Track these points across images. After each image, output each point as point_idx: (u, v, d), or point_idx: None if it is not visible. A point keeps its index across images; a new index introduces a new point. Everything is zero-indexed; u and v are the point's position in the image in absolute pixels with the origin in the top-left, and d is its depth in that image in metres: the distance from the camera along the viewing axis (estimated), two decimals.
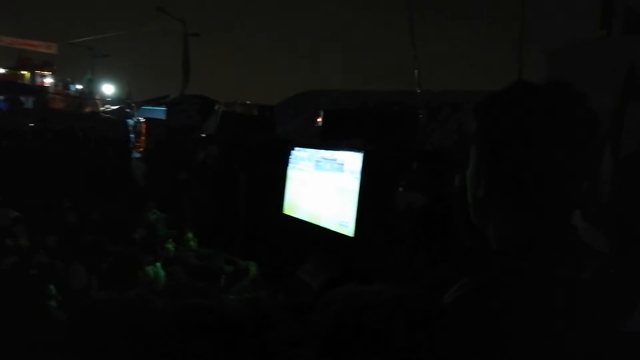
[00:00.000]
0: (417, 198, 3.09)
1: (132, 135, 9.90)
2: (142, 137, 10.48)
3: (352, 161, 3.45)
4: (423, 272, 2.24)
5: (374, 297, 0.69)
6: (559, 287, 0.75)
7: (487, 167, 0.83)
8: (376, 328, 0.65)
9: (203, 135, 8.35)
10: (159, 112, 13.15)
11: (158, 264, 3.65)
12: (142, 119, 12.30)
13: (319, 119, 5.13)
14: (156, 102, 14.47)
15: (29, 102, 12.19)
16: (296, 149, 4.13)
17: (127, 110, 15.58)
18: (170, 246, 4.15)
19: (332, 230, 3.51)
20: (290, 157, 4.13)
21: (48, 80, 22.09)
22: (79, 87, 22.40)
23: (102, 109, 17.36)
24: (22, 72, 21.09)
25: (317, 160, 3.85)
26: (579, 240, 0.82)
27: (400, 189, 3.63)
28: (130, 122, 12.95)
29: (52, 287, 2.73)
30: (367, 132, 4.31)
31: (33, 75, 21.38)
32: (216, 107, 9.59)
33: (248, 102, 10.21)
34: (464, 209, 0.89)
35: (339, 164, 3.60)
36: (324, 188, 3.73)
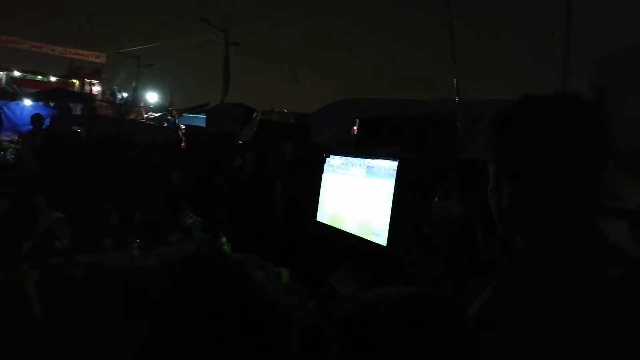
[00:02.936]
0: (454, 208, 3.02)
1: (172, 142, 10.18)
2: (183, 144, 10.76)
3: (387, 169, 3.41)
4: (458, 283, 2.19)
5: (393, 292, 0.69)
6: (586, 288, 0.76)
7: (507, 181, 0.85)
8: (386, 320, 0.65)
9: (241, 142, 8.49)
10: (199, 119, 13.47)
11: None
12: (182, 126, 12.65)
13: (355, 127, 5.11)
14: (197, 109, 14.85)
15: (77, 108, 12.74)
16: (331, 156, 4.13)
17: (169, 117, 16.05)
18: None
19: (365, 239, 3.47)
20: (325, 164, 4.13)
21: (96, 89, 23.03)
22: (125, 95, 23.25)
23: (145, 116, 17.95)
24: (73, 80, 22.08)
25: (351, 168, 3.83)
26: (607, 242, 0.83)
27: (437, 199, 3.56)
28: (171, 129, 13.33)
29: None
30: (404, 141, 4.26)
31: (82, 83, 22.35)
32: (254, 115, 9.74)
33: (285, 110, 10.33)
34: (486, 220, 0.91)
35: (373, 172, 3.57)
36: (357, 196, 3.70)
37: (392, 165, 3.37)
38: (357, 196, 3.70)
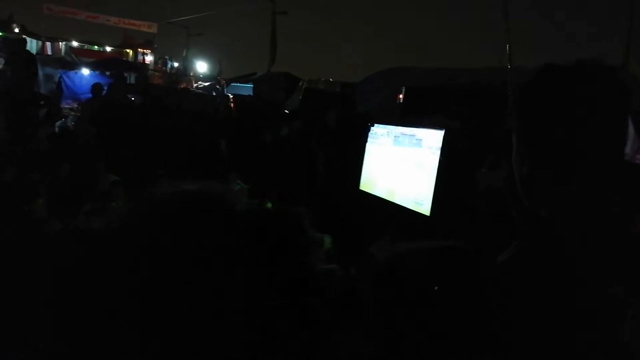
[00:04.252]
0: (499, 179, 2.97)
1: (219, 110, 10.39)
2: (230, 113, 10.94)
3: (433, 139, 3.37)
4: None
5: (422, 245, 0.73)
6: (599, 251, 0.79)
7: (527, 148, 0.88)
8: (416, 271, 0.68)
9: (287, 111, 8.55)
10: (246, 89, 13.62)
11: None
12: (230, 95, 12.84)
13: (401, 96, 5.04)
14: (244, 79, 15.00)
15: (131, 77, 13.18)
16: (376, 125, 4.11)
17: (217, 86, 16.31)
18: None
19: (408, 208, 3.48)
20: (369, 133, 4.12)
21: (148, 58, 23.60)
22: (176, 64, 23.73)
23: (195, 85, 18.32)
24: (126, 50, 22.71)
25: (396, 137, 3.81)
26: (620, 203, 0.86)
27: (483, 170, 3.49)
28: (219, 98, 13.57)
29: None
30: (451, 110, 4.17)
31: (136, 53, 22.95)
32: (300, 84, 9.74)
33: (331, 79, 10.25)
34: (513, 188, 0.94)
35: (418, 141, 3.53)
36: (401, 165, 3.69)
37: (437, 135, 3.32)
38: (401, 165, 3.68)
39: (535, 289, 0.78)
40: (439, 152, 3.27)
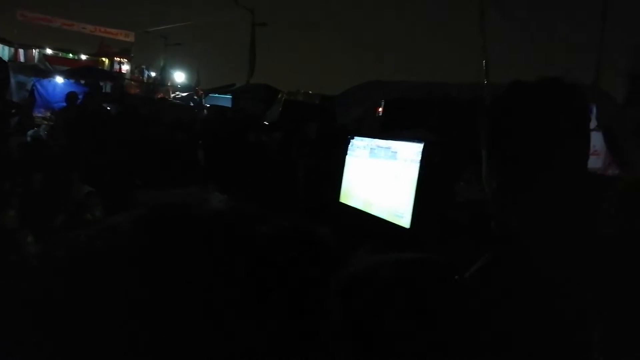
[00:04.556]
0: (478, 192, 3.01)
1: (197, 121, 10.31)
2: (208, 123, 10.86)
3: (412, 152, 3.40)
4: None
5: (393, 257, 0.74)
6: (569, 261, 0.84)
7: (495, 162, 0.95)
8: (387, 282, 0.69)
9: (266, 122, 8.54)
10: (225, 100, 13.58)
11: None
12: (208, 106, 12.77)
13: (380, 109, 5.09)
14: (222, 90, 14.95)
15: (107, 87, 12.99)
16: (355, 138, 4.13)
17: (195, 97, 16.20)
18: None
19: (387, 221, 3.49)
20: (348, 146, 4.13)
21: (125, 67, 23.35)
22: (153, 74, 23.54)
23: (172, 95, 18.16)
24: (102, 58, 22.43)
25: (375, 150, 3.83)
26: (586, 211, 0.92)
27: (462, 183, 3.54)
28: (197, 108, 13.46)
29: None
30: (430, 124, 4.22)
31: (112, 62, 22.68)
32: (279, 96, 9.76)
33: (310, 92, 10.31)
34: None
35: (397, 154, 3.56)
36: (381, 178, 3.70)
37: (417, 148, 3.35)
38: (381, 178, 3.70)
39: (502, 299, 0.81)
40: (418, 165, 3.30)
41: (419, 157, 3.31)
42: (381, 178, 3.71)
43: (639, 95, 6.16)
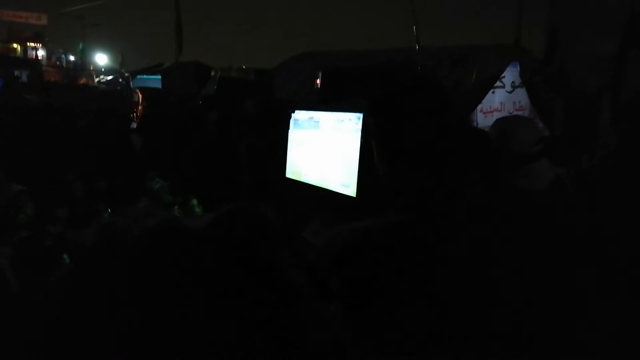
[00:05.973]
0: None
1: (129, 106, 9.84)
2: (139, 107, 10.40)
3: (353, 122, 3.44)
4: None
5: (375, 223, 0.80)
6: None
7: (381, 148, 1.22)
8: (375, 247, 0.75)
9: (201, 102, 8.28)
10: (154, 81, 12.96)
11: None
12: (137, 89, 12.17)
13: (318, 80, 5.08)
14: (150, 70, 14.25)
15: (23, 75, 12.04)
16: (296, 111, 4.12)
17: (121, 80, 15.39)
18: (176, 213, 4.22)
19: (335, 192, 3.55)
20: (290, 120, 4.12)
21: (40, 53, 21.75)
22: (72, 58, 22.08)
23: (96, 80, 17.17)
24: (13, 45, 20.73)
25: (317, 122, 3.85)
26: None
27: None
28: (126, 93, 12.83)
29: (65, 256, 2.80)
30: (368, 92, 4.28)
31: (25, 48, 21.03)
32: (212, 74, 9.47)
33: (244, 66, 10.08)
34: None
35: (339, 125, 3.60)
36: (325, 150, 3.74)
37: (357, 117, 3.40)
38: (325, 150, 3.74)
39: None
40: (360, 134, 3.35)
41: (360, 126, 3.37)
42: (325, 149, 3.75)
43: (555, 50, 6.52)
